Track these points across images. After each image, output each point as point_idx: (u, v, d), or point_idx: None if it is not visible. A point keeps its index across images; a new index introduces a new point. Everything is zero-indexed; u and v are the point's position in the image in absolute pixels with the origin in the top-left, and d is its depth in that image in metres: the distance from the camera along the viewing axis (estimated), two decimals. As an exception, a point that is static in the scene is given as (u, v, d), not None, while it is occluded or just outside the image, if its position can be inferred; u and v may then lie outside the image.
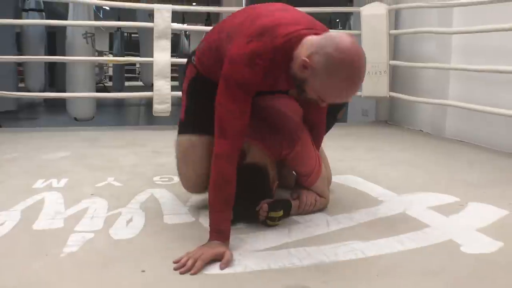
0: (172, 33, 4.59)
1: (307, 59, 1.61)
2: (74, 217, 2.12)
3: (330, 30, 1.82)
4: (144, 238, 1.91)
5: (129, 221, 2.08)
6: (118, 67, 11.23)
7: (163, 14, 4.48)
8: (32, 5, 8.94)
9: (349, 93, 1.67)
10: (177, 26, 4.59)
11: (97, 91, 7.24)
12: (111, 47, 13.47)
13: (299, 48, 1.67)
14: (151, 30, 4.60)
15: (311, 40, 1.66)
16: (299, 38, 1.68)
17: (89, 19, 6.25)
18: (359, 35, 5.17)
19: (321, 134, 2.32)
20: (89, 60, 5.78)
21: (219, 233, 1.78)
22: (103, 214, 2.15)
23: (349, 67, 1.58)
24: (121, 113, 6.58)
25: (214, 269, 1.64)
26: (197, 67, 2.08)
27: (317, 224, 2.08)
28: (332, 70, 1.58)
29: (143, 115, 5.93)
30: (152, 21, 4.57)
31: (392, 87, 5.10)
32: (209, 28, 6.92)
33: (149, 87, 4.73)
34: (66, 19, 6.31)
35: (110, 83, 11.59)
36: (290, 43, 1.68)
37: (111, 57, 6.64)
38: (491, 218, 2.24)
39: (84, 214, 2.15)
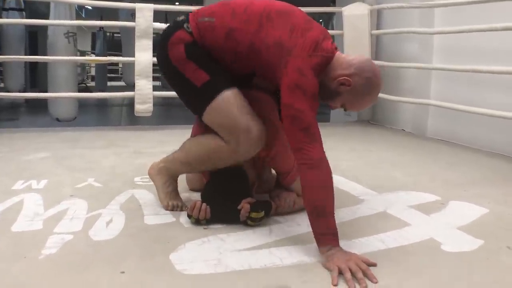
0: (154, 33, 4.56)
1: (349, 78, 1.89)
2: (53, 218, 2.09)
3: None
4: (123, 239, 1.89)
5: (109, 222, 2.06)
6: (101, 67, 11.14)
7: (144, 13, 4.46)
8: (12, 4, 8.84)
9: (369, 106, 2.15)
10: (159, 25, 4.55)
11: (79, 91, 7.17)
12: (93, 47, 13.38)
13: (333, 63, 1.93)
14: (133, 29, 4.56)
15: (345, 59, 1.94)
16: (333, 54, 1.94)
17: (71, 19, 6.19)
18: (341, 35, 5.19)
19: None
20: (70, 60, 5.72)
21: (336, 237, 1.76)
22: (83, 216, 2.13)
23: (378, 90, 1.97)
24: (103, 113, 6.53)
25: (194, 269, 1.63)
26: (194, 36, 2.03)
27: (298, 224, 2.08)
28: (368, 92, 1.94)
29: (126, 115, 5.89)
30: (134, 20, 4.53)
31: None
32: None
33: (131, 87, 4.69)
34: (48, 18, 6.25)
35: (92, 83, 11.48)
36: (329, 59, 1.92)
37: (92, 57, 6.56)
38: (471, 217, 2.26)
39: (64, 216, 2.12)
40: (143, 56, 4.45)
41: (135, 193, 2.48)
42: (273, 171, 2.36)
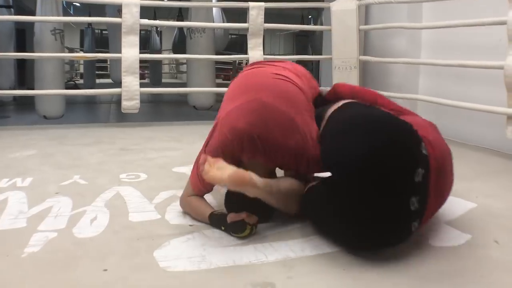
0: (143, 30, 4.53)
1: None
2: (38, 216, 2.07)
3: (304, 26, 2.09)
4: (107, 236, 1.88)
5: (94, 219, 2.04)
6: (89, 64, 11.05)
7: (131, 9, 4.42)
8: (0, 1, 8.74)
9: None
10: (146, 21, 4.52)
11: (68, 88, 7.13)
12: (82, 44, 13.29)
13: None
14: (120, 26, 4.52)
15: None
16: None
17: (58, 15, 6.13)
18: (329, 31, 5.18)
19: None
20: (57, 57, 5.66)
21: None
22: (67, 213, 2.11)
23: None
24: (91, 110, 6.48)
25: (178, 267, 1.62)
26: None
27: (283, 221, 2.06)
28: None
29: (113, 112, 5.83)
30: (121, 16, 4.50)
31: (362, 82, 5.12)
32: (182, 23, 6.85)
33: (118, 83, 4.65)
34: (34, 15, 6.17)
35: (81, 81, 11.40)
36: None
37: (77, 53, 6.47)
38: (459, 211, 2.27)
39: (48, 213, 2.10)
40: (130, 52, 4.41)
41: (120, 190, 2.46)
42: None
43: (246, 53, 5.02)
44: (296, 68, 2.29)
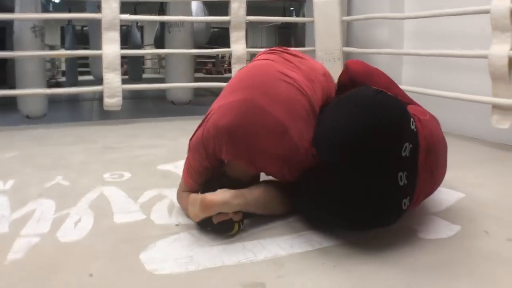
0: (124, 25, 4.46)
1: None
2: (20, 220, 2.01)
3: (286, 19, 2.00)
4: (92, 239, 1.83)
5: (77, 222, 1.99)
6: (71, 61, 10.93)
7: (111, 5, 4.34)
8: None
9: None
10: (126, 17, 4.46)
11: (50, 87, 7.03)
12: (63, 42, 13.12)
13: None
14: (100, 22, 4.45)
15: None
16: None
17: (37, 12, 6.03)
18: (312, 23, 5.16)
19: None
20: (38, 56, 5.57)
21: None
22: (50, 216, 2.05)
23: None
24: (74, 109, 6.39)
25: (165, 269, 1.59)
26: None
27: (271, 216, 2.03)
28: None
29: (96, 110, 5.75)
30: (100, 12, 4.42)
31: (347, 74, 5.10)
32: (164, 18, 6.74)
33: (100, 80, 4.58)
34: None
35: (63, 78, 11.26)
36: None
37: (57, 52, 6.33)
38: (447, 202, 2.26)
39: (31, 217, 2.04)
40: (111, 48, 4.34)
41: (104, 190, 2.41)
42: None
43: (229, 46, 4.97)
44: (313, 68, 2.12)
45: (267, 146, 1.81)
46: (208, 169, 1.93)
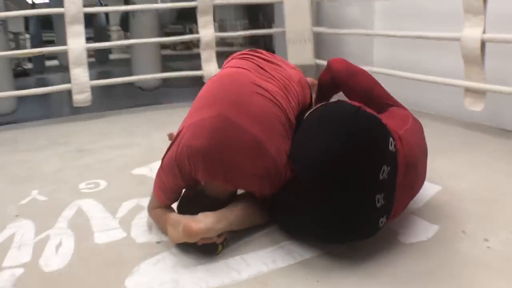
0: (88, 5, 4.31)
1: None
2: (1, 247, 1.97)
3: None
4: (75, 266, 1.81)
5: (59, 245, 1.97)
6: (36, 45, 10.60)
7: (73, -2, 4.20)
8: None
9: None
10: (90, 10, 4.33)
11: (17, 75, 6.86)
12: (27, 27, 12.69)
13: None
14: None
15: None
16: None
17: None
18: (281, 3, 5.10)
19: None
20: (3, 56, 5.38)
21: None
22: (31, 240, 2.02)
23: None
24: (44, 102, 6.19)
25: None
26: None
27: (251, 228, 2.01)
28: None
29: (65, 101, 5.57)
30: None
31: (318, 54, 5.10)
32: (128, 7, 6.56)
33: (66, 66, 4.39)
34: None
35: (30, 65, 10.94)
36: None
37: (22, 51, 6.16)
38: (425, 197, 2.29)
39: (11, 243, 2.00)
40: (76, 43, 4.23)
41: (82, 204, 2.38)
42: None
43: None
44: (287, 76, 2.06)
45: (244, 165, 1.79)
46: (183, 187, 1.92)
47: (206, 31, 4.82)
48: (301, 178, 1.75)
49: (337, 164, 1.63)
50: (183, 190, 1.99)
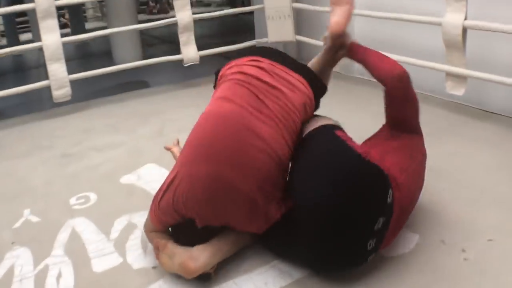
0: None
1: None
2: (3, 283, 2.01)
3: None
4: (77, 300, 1.88)
5: (59, 277, 2.03)
6: (9, 20, 10.33)
7: (45, -8, 4.09)
8: None
9: None
10: (63, 2, 4.23)
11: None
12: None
13: None
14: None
15: None
16: None
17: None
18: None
19: None
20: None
21: None
22: (31, 273, 2.06)
23: None
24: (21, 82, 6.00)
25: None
26: None
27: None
28: None
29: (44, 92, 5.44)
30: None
31: (298, 31, 5.08)
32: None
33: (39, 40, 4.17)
34: None
35: (3, 41, 10.65)
36: None
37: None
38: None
39: (12, 277, 2.04)
40: (51, 38, 4.14)
41: (75, 225, 2.42)
42: None
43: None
44: (291, 102, 1.93)
45: (238, 220, 1.90)
46: (179, 221, 1.98)
47: (184, 13, 4.75)
48: (298, 215, 1.85)
49: (336, 214, 1.73)
50: None
